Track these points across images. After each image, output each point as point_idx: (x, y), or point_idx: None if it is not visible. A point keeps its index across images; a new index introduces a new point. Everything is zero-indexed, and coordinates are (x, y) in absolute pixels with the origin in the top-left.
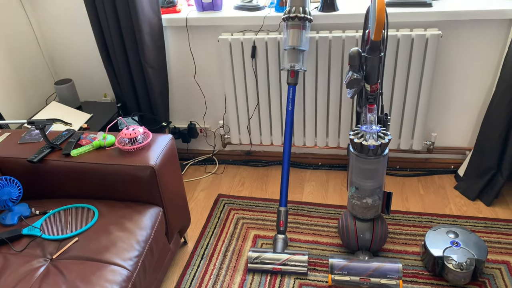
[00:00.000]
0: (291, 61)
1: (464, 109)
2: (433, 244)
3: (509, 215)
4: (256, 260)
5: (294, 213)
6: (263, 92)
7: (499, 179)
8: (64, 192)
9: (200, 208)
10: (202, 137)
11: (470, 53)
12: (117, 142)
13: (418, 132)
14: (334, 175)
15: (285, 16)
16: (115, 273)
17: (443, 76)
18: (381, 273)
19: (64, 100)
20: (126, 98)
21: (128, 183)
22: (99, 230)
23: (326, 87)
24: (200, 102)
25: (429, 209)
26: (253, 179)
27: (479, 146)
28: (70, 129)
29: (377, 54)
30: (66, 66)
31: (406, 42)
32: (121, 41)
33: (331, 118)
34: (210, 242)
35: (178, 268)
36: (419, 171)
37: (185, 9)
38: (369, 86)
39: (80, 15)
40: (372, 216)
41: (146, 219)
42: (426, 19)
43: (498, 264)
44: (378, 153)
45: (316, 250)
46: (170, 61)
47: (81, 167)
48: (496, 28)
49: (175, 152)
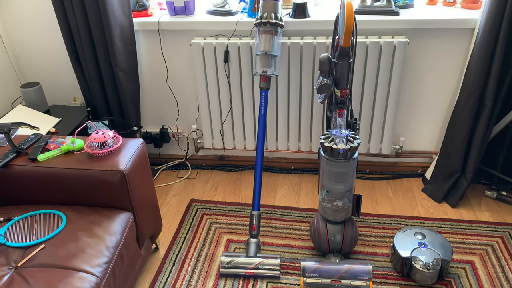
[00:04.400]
0: (263, 66)
1: (430, 114)
2: (401, 245)
3: (473, 216)
4: (229, 265)
5: (267, 217)
6: (236, 97)
7: (463, 182)
8: (30, 198)
9: (172, 213)
10: (174, 141)
11: (435, 60)
12: (86, 146)
13: (386, 136)
14: (306, 179)
15: (257, 22)
16: (83, 280)
17: (411, 82)
18: (352, 275)
19: (31, 104)
20: (96, 102)
21: (97, 188)
22: (67, 237)
23: (298, 92)
24: (172, 107)
25: (398, 211)
26: (226, 183)
27: (444, 150)
28: (37, 133)
29: (346, 60)
30: (33, 68)
31: (374, 48)
32: (91, 44)
33: (303, 123)
34: (182, 247)
35: (150, 275)
36: (388, 175)
37: (157, 13)
38: (339, 91)
39: (49, 16)
40: (343, 218)
41: (116, 224)
42: (394, 27)
43: (463, 263)
44: (347, 156)
45: (289, 254)
46: (142, 65)
47: (48, 172)
48: (460, 37)
49: (146, 156)
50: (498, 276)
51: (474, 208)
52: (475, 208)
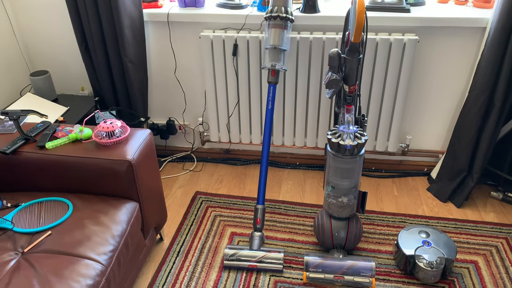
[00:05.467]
0: (272, 60)
1: (438, 113)
2: (405, 243)
3: (478, 217)
4: (232, 257)
5: (271, 211)
6: (244, 91)
7: (469, 182)
8: (37, 185)
9: (177, 205)
10: (180, 134)
11: (445, 59)
12: (94, 135)
13: (393, 134)
14: (311, 174)
15: (267, 16)
16: (88, 267)
17: (419, 80)
18: (355, 271)
19: (39, 92)
20: (104, 92)
21: (104, 177)
22: (73, 224)
23: (306, 87)
24: (180, 99)
25: (403, 209)
26: (231, 177)
27: (451, 150)
28: (46, 121)
29: (356, 56)
30: (43, 57)
31: (384, 45)
32: (101, 34)
33: (309, 118)
34: (187, 239)
35: (153, 264)
36: (394, 173)
37: (167, 4)
38: (348, 87)
39: (59, 5)
40: (347, 215)
41: (122, 213)
42: (404, 24)
43: (467, 263)
44: (354, 153)
45: (292, 248)
46: (150, 56)
47: (56, 159)
48: (470, 36)
49: (153, 147)
50: (502, 277)
51: (480, 209)
52: (481, 208)
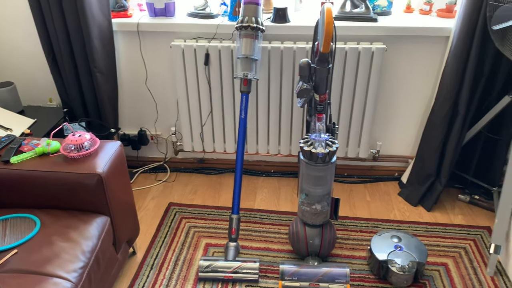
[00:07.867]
0: (244, 69)
1: (407, 119)
2: (378, 248)
3: (447, 219)
4: (207, 269)
5: (246, 220)
6: (216, 100)
7: (438, 186)
8: (2, 201)
9: (150, 217)
10: (153, 144)
11: (412, 67)
12: (62, 148)
13: (364, 140)
14: (286, 182)
15: (238, 25)
16: (57, 286)
17: (388, 88)
18: (330, 278)
19: (4, 104)
20: (73, 103)
21: (73, 192)
22: (41, 241)
23: (278, 96)
24: (151, 109)
25: (375, 214)
26: (206, 187)
27: (420, 155)
28: (11, 134)
29: (325, 66)
30: (7, 68)
31: (353, 54)
32: (69, 44)
33: (283, 126)
34: (160, 251)
35: (126, 279)
36: (366, 178)
37: (136, 14)
38: (318, 96)
39: (25, 14)
40: (321, 222)
41: (92, 228)
42: (372, 33)
43: (437, 266)
44: (326, 160)
45: (267, 257)
46: (120, 66)
47: (22, 175)
48: (435, 45)
49: (123, 159)
50: (471, 278)
51: (448, 212)
52: (449, 211)
